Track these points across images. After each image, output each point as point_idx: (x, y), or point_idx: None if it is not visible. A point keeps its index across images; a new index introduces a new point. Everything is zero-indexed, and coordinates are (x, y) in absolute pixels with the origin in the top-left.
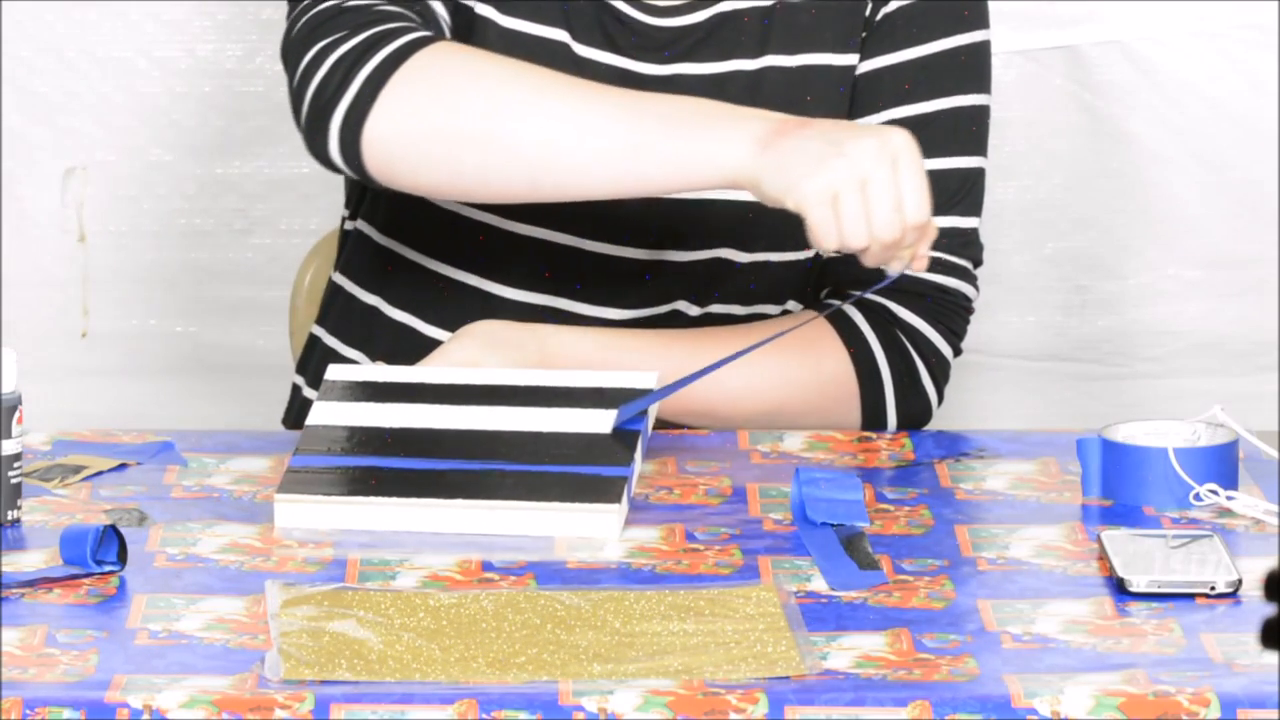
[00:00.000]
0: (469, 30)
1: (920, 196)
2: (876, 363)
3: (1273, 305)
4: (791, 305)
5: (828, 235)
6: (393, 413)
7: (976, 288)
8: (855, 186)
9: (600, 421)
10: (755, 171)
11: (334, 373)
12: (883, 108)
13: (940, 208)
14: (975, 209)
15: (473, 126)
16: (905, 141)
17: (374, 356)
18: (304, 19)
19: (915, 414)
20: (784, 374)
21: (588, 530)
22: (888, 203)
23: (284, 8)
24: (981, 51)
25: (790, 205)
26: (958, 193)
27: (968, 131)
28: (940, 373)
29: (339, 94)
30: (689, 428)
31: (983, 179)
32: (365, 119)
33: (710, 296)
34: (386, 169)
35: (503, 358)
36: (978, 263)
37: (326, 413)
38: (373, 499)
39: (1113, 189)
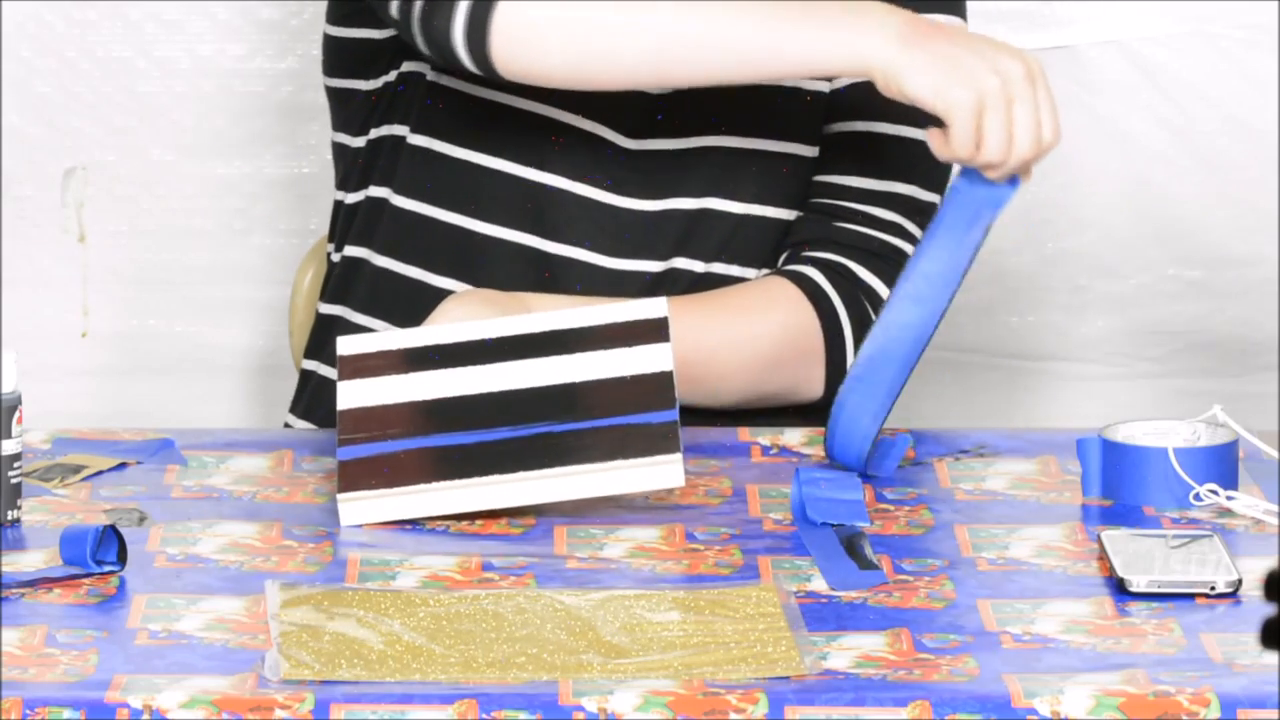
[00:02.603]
0: None
1: (1056, 120)
2: (839, 319)
3: (1273, 305)
4: None
5: (965, 145)
6: (422, 383)
7: None
8: (1003, 104)
9: (625, 361)
10: (898, 65)
11: (345, 345)
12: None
13: (901, 173)
14: (938, 185)
15: (605, 9)
16: (1040, 66)
17: (399, 324)
18: None
19: None
20: (752, 329)
21: (654, 483)
22: (1032, 123)
23: (285, 8)
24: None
25: (938, 107)
26: (921, 162)
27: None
28: None
29: None
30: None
31: (947, 165)
32: (495, 4)
33: (709, 253)
34: (511, 55)
35: (497, 310)
36: None
37: (355, 393)
38: (438, 484)
39: (1113, 189)
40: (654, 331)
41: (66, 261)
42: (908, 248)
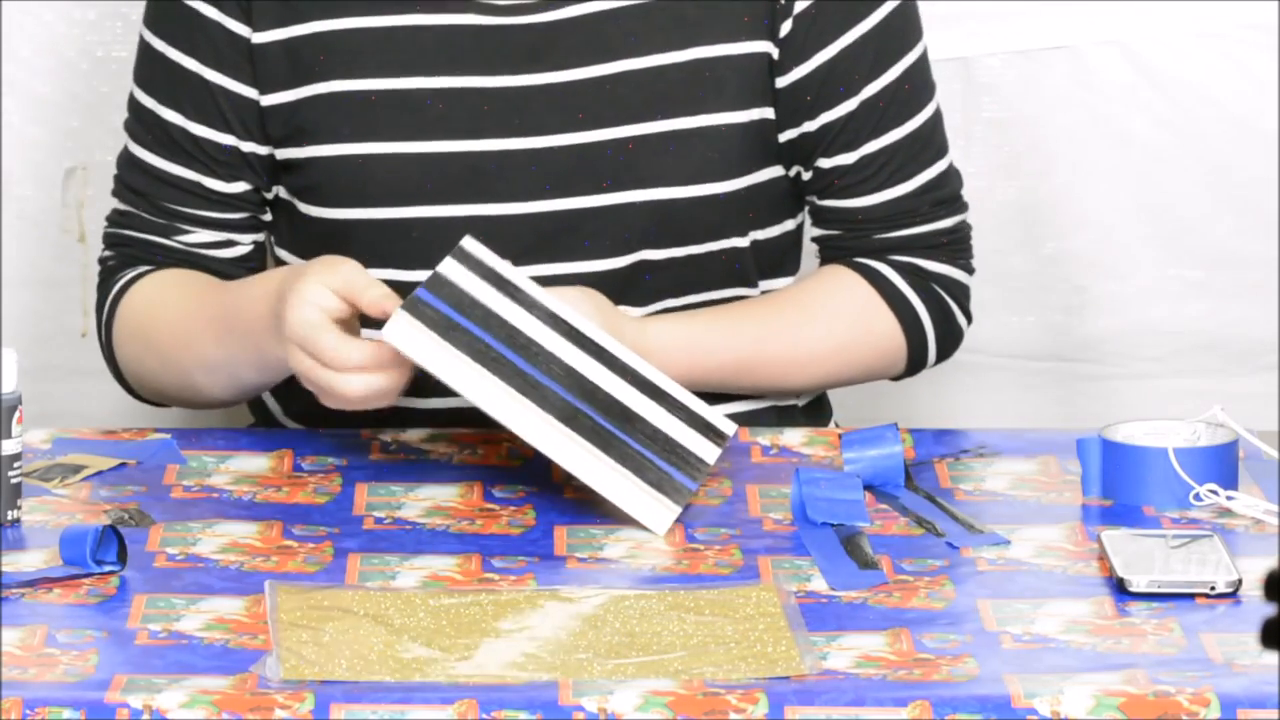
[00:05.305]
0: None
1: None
2: (920, 320)
3: (1273, 305)
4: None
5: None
6: (512, 309)
7: (967, 208)
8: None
9: (679, 432)
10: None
11: (470, 244)
12: (848, 96)
13: (920, 163)
14: (943, 150)
15: (150, 368)
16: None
17: None
18: (116, 182)
19: (950, 345)
20: (841, 341)
21: (642, 514)
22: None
23: None
24: (905, 11)
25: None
26: (929, 142)
27: (918, 85)
28: (965, 299)
29: (101, 307)
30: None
31: (940, 117)
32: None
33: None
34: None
35: (604, 324)
36: (960, 190)
37: (457, 272)
38: (488, 375)
39: (1113, 189)
40: (714, 434)
41: (66, 261)
42: (949, 221)
